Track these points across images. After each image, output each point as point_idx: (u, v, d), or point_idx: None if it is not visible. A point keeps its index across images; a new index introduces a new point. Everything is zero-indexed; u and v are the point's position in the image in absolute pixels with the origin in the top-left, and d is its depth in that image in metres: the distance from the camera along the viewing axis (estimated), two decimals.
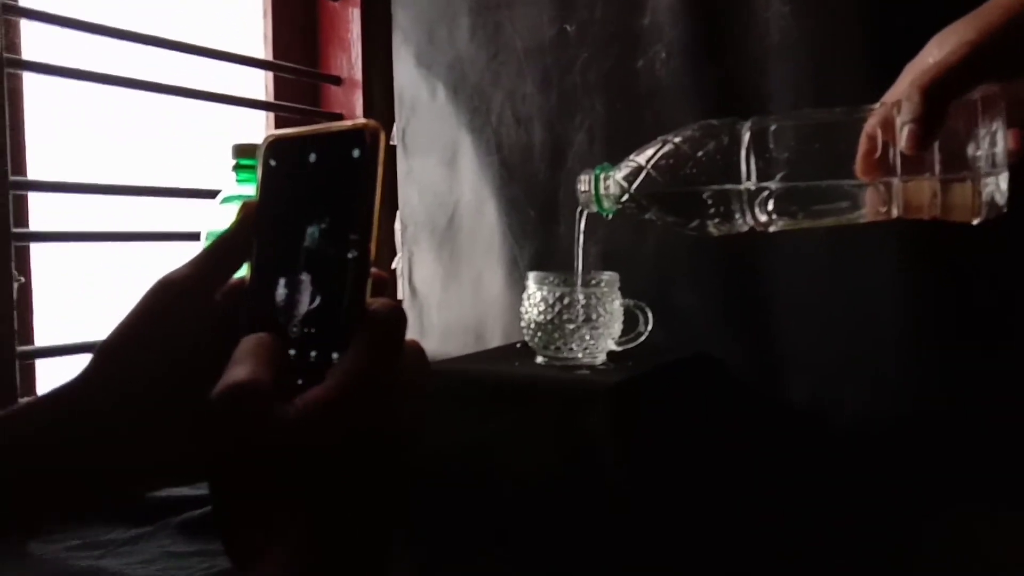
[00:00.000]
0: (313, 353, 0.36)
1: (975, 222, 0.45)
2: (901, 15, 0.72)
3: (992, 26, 0.42)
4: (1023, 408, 0.72)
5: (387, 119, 1.19)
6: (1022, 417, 0.72)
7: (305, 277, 0.37)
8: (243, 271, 0.41)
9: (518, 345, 0.78)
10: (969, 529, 0.62)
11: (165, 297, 0.39)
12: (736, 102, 0.86)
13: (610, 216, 0.59)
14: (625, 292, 0.70)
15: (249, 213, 0.40)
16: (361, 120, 0.37)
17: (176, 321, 0.38)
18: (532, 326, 0.66)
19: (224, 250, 0.40)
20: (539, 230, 1.03)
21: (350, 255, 0.35)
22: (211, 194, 0.90)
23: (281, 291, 0.38)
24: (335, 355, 0.35)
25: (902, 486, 0.69)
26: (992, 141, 0.44)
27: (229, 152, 0.86)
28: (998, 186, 0.45)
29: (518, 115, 1.05)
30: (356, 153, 0.36)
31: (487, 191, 1.08)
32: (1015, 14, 0.42)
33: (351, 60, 1.20)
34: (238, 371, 0.33)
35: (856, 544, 0.58)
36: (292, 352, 0.36)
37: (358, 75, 1.19)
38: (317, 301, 0.36)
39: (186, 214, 1.00)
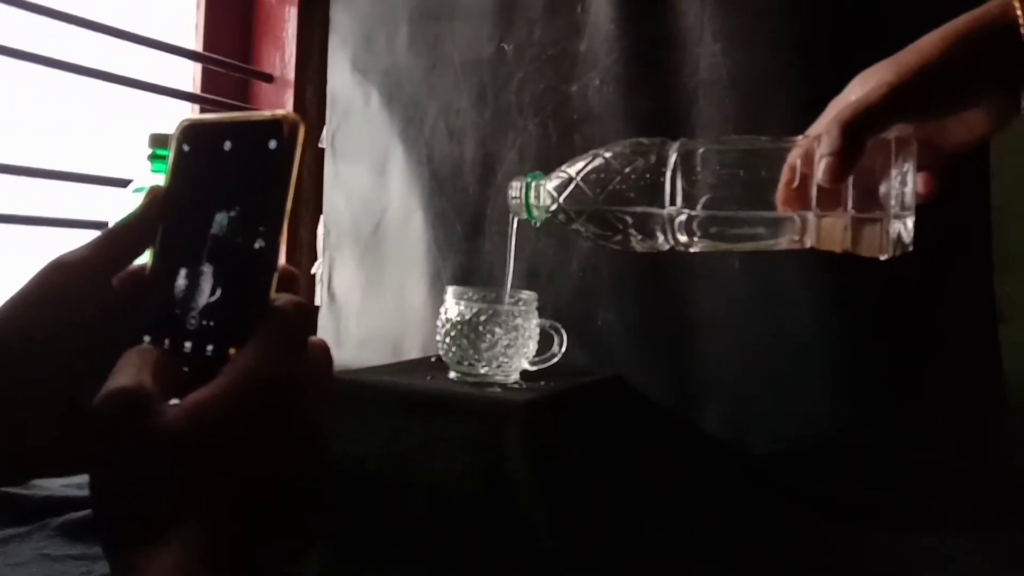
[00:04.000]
0: (210, 347, 0.34)
1: (883, 258, 0.46)
2: (828, 57, 0.75)
3: (910, 69, 0.44)
4: (938, 434, 0.76)
5: (318, 121, 1.17)
6: (937, 443, 0.76)
7: (207, 268, 0.35)
8: (145, 258, 0.39)
9: (433, 359, 0.77)
10: (885, 553, 0.64)
11: (57, 278, 0.37)
12: (664, 134, 0.88)
13: (538, 224, 0.59)
14: (548, 311, 0.70)
15: (156, 198, 0.38)
16: (281, 111, 0.36)
17: (67, 304, 0.36)
18: (447, 340, 0.66)
19: (126, 235, 0.38)
20: (464, 245, 1.03)
21: (256, 247, 0.34)
22: (122, 183, 0.86)
23: (182, 281, 0.36)
24: (232, 350, 0.33)
25: (816, 509, 0.71)
26: (903, 180, 0.46)
27: (145, 141, 0.82)
28: (905, 225, 0.47)
29: (451, 128, 1.05)
30: (272, 144, 0.35)
31: (415, 202, 1.07)
32: (931, 60, 0.44)
33: (284, 59, 1.17)
34: (120, 377, 0.32)
35: (769, 568, 0.59)
36: (188, 345, 0.35)
37: (290, 74, 1.17)
38: (218, 293, 0.35)
39: (93, 202, 0.96)
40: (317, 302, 1.17)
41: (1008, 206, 0.79)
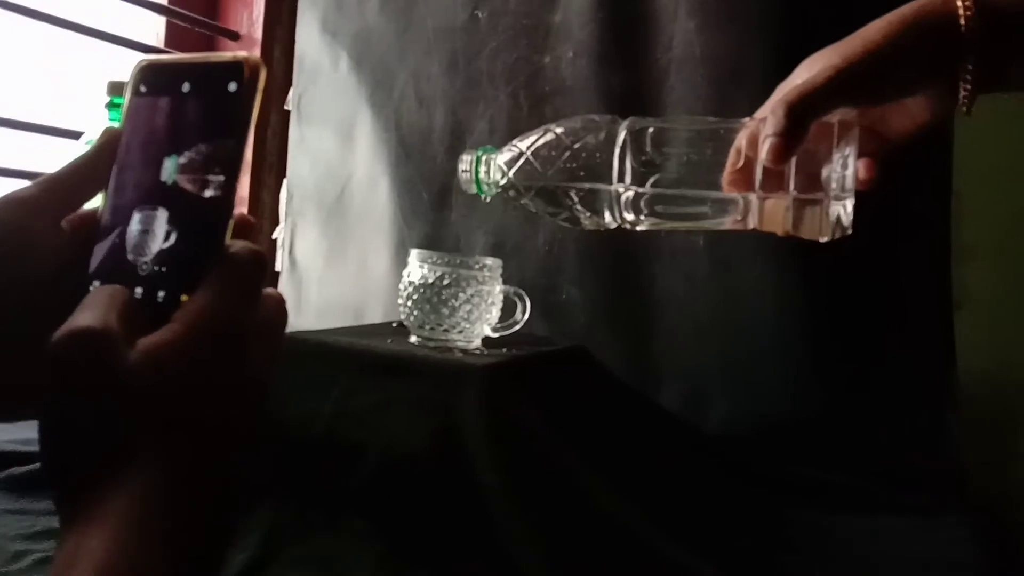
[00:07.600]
0: (162, 293, 0.33)
1: (823, 240, 0.47)
2: (800, 37, 0.75)
3: (856, 54, 0.45)
4: (890, 417, 0.77)
5: (285, 83, 1.14)
6: (889, 426, 0.77)
7: (161, 212, 0.34)
8: (97, 201, 0.38)
9: (394, 324, 0.76)
10: (835, 530, 0.65)
11: (4, 216, 0.35)
12: (635, 109, 0.88)
13: (488, 199, 0.58)
14: (512, 284, 0.70)
15: (110, 140, 0.37)
16: (242, 53, 0.35)
17: (14, 243, 0.35)
18: (409, 304, 0.65)
19: (78, 176, 0.37)
20: (430, 214, 1.02)
21: (211, 192, 0.33)
22: (75, 135, 0.84)
23: (134, 226, 0.35)
24: (184, 297, 0.32)
25: (766, 487, 0.72)
26: (844, 164, 0.47)
27: (103, 89, 0.80)
28: (845, 209, 0.48)
29: (421, 95, 1.03)
30: (232, 87, 0.34)
31: (381, 169, 1.06)
32: (875, 47, 0.45)
33: (252, 16, 1.14)
34: (84, 316, 0.30)
35: (722, 544, 0.60)
36: (139, 291, 0.34)
37: (258, 33, 1.14)
38: (172, 239, 0.34)
39: (44, 153, 0.92)
40: (278, 268, 1.15)
41: (968, 194, 0.81)
